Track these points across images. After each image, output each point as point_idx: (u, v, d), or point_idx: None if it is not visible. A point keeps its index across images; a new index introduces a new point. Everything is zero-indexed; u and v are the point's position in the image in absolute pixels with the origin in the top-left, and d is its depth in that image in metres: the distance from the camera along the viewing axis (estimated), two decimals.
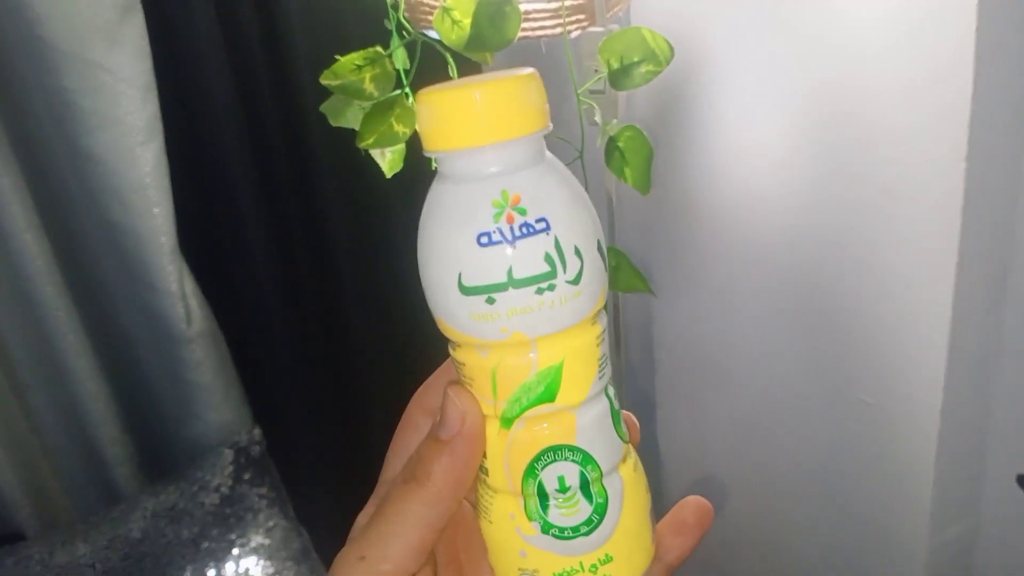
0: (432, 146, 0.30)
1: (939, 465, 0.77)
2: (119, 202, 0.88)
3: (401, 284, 1.09)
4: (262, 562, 0.91)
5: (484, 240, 0.29)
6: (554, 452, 0.31)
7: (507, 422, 0.31)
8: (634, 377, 1.04)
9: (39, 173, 0.90)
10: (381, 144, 0.63)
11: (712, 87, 0.81)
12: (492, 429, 0.32)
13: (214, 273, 1.00)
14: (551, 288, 0.29)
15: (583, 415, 0.31)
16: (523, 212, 0.29)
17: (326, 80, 0.61)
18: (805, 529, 0.93)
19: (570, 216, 0.30)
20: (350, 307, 1.12)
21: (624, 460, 0.33)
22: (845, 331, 0.80)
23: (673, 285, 0.93)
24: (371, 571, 0.32)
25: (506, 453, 0.32)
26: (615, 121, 0.65)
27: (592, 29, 0.67)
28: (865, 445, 0.83)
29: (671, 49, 0.59)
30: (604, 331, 0.32)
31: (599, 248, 0.31)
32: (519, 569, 0.33)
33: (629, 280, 0.73)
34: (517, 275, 0.29)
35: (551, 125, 0.30)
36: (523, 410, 0.31)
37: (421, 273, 0.31)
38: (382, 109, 0.62)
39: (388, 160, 0.69)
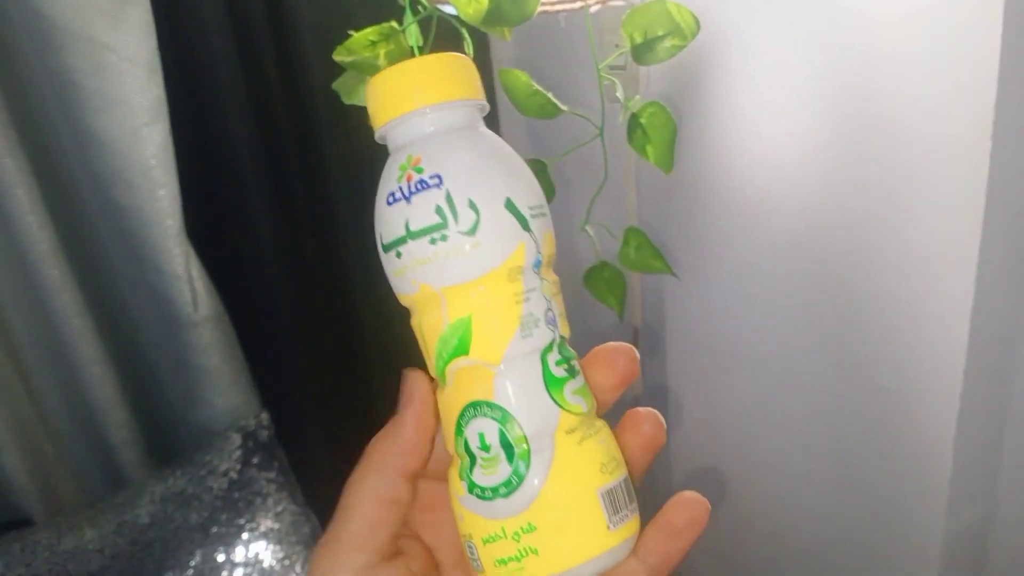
0: (374, 122, 0.34)
1: (957, 450, 0.77)
2: (124, 184, 0.87)
3: None
4: (272, 547, 0.90)
5: (390, 199, 0.32)
6: (474, 408, 0.32)
7: (441, 379, 0.33)
8: (646, 361, 1.03)
9: (43, 154, 0.89)
10: None
11: (730, 63, 0.80)
12: (439, 389, 0.34)
13: (221, 256, 0.99)
14: (443, 238, 0.31)
15: (502, 373, 0.32)
16: (420, 171, 0.32)
17: (339, 56, 0.59)
18: (819, 514, 0.93)
19: (469, 172, 0.32)
20: (359, 291, 1.11)
21: (567, 431, 0.32)
22: (863, 315, 0.79)
23: (688, 267, 0.92)
24: (332, 550, 0.33)
25: (443, 412, 0.33)
26: (638, 97, 0.64)
27: (613, 3, 0.65)
28: (882, 430, 0.82)
29: (697, 23, 0.58)
30: (530, 291, 0.33)
31: (509, 205, 0.32)
32: (462, 536, 0.33)
33: (648, 260, 0.72)
34: (412, 227, 0.31)
35: (477, 98, 0.33)
36: (444, 364, 0.32)
37: None
38: None
39: None
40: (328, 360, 1.11)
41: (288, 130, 1.01)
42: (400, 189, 0.32)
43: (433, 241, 0.31)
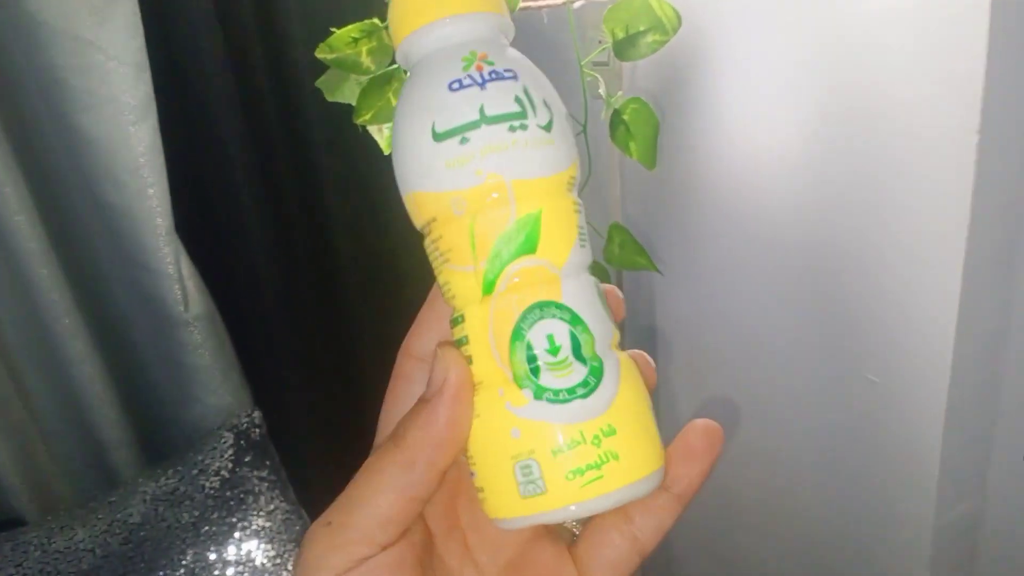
0: (406, 29, 0.32)
1: (946, 444, 0.76)
2: (113, 183, 0.87)
3: (402, 265, 1.08)
4: (264, 545, 0.90)
5: (455, 85, 0.30)
6: (541, 309, 0.30)
7: (489, 286, 0.30)
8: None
9: (31, 154, 0.88)
10: (379, 120, 0.62)
11: (713, 59, 0.79)
12: (474, 305, 0.31)
13: (211, 255, 0.99)
14: (523, 128, 0.30)
15: (568, 277, 0.31)
16: (491, 63, 0.30)
17: (321, 54, 0.59)
18: (808, 509, 0.93)
19: (537, 76, 0.31)
20: (350, 288, 1.11)
21: (618, 346, 0.32)
22: (851, 309, 0.79)
23: (675, 263, 0.92)
24: (336, 539, 0.30)
25: (490, 321, 0.31)
26: (620, 94, 0.64)
27: None
28: (871, 425, 0.82)
29: (678, 17, 0.57)
30: (581, 206, 0.32)
31: (568, 119, 0.32)
32: (513, 458, 0.30)
33: (632, 257, 0.72)
34: (489, 112, 0.30)
35: (512, 24, 0.33)
36: (504, 265, 0.30)
37: (394, 155, 0.32)
38: (379, 83, 0.61)
39: (386, 136, 0.68)
40: (320, 358, 1.11)
41: (278, 128, 1.01)
42: (470, 76, 0.30)
43: (512, 129, 0.30)
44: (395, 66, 0.62)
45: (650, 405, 0.32)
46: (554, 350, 0.30)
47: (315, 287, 1.09)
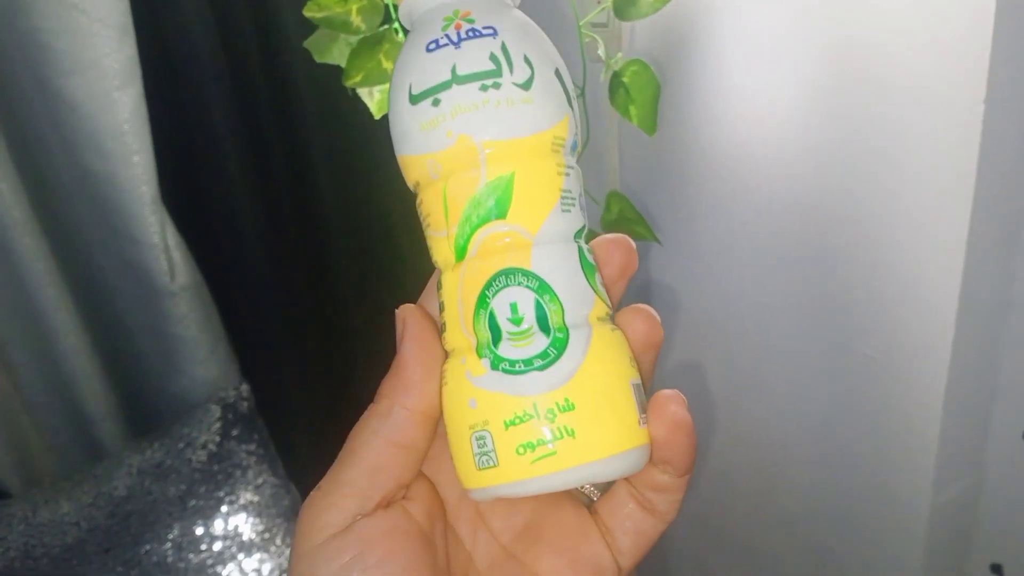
0: None
1: (945, 421, 0.76)
2: (96, 149, 0.84)
3: (393, 235, 1.06)
4: (251, 519, 0.89)
5: (431, 47, 0.30)
6: (506, 276, 0.29)
7: (460, 252, 0.30)
8: None
9: (12, 119, 0.86)
10: (369, 82, 0.60)
11: (715, 21, 0.77)
12: (448, 271, 0.31)
13: (198, 224, 0.97)
14: (496, 86, 0.29)
15: (542, 243, 0.30)
16: (471, 21, 0.30)
17: (310, 12, 0.57)
18: (804, 486, 0.92)
19: (522, 31, 0.30)
20: (339, 259, 1.09)
21: (598, 318, 0.30)
22: (851, 283, 0.78)
23: (672, 233, 0.90)
24: (327, 497, 0.30)
25: (459, 287, 0.30)
26: (620, 55, 0.62)
27: None
28: (869, 401, 0.81)
29: None
30: (569, 168, 0.31)
31: (558, 76, 0.30)
32: (470, 427, 0.30)
33: (631, 226, 0.70)
34: (460, 71, 0.29)
35: None
36: (474, 229, 0.30)
37: (389, 119, 0.32)
38: (370, 44, 0.59)
39: (376, 100, 0.66)
40: (308, 330, 1.10)
41: (266, 94, 0.99)
42: (447, 35, 0.30)
43: (484, 88, 0.29)
44: (386, 27, 0.60)
45: (629, 381, 0.30)
46: (516, 319, 0.29)
47: (304, 258, 1.08)
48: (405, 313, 0.31)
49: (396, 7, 0.61)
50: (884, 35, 0.67)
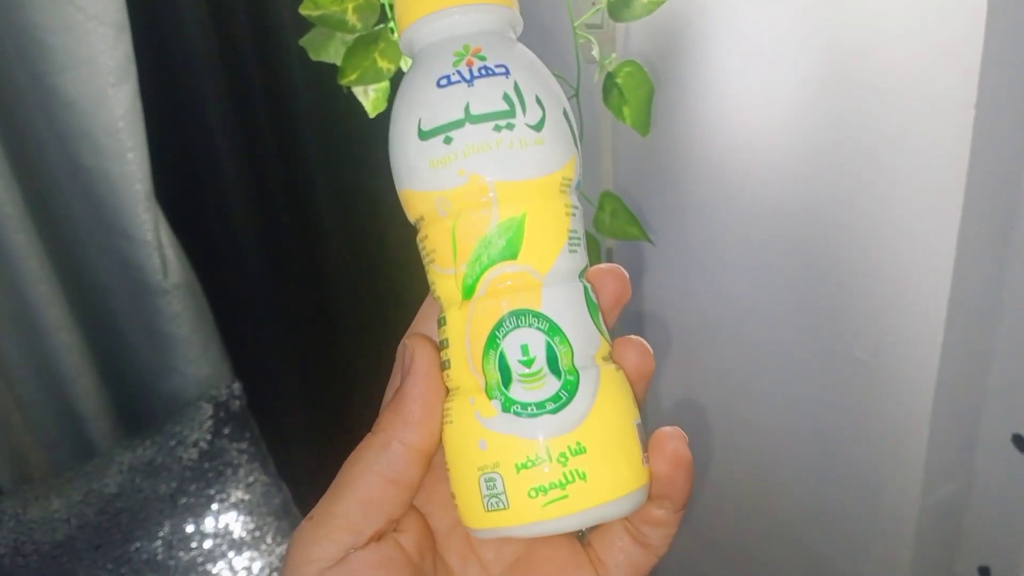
0: (408, 19, 0.31)
1: (934, 424, 0.76)
2: (91, 146, 0.84)
3: (386, 234, 1.06)
4: (242, 517, 0.89)
5: (443, 82, 0.29)
6: (517, 317, 0.29)
7: (468, 291, 0.30)
8: (622, 331, 1.02)
9: (6, 115, 0.86)
10: (364, 81, 0.60)
11: (709, 23, 0.78)
12: (454, 309, 0.30)
13: (192, 222, 0.97)
14: (509, 127, 0.29)
15: (551, 284, 0.30)
16: (483, 59, 0.29)
17: (305, 10, 0.57)
18: (795, 488, 0.92)
19: (533, 71, 0.30)
20: (332, 258, 1.09)
21: (604, 358, 0.31)
22: (842, 286, 0.78)
23: (664, 234, 0.91)
24: (319, 529, 0.29)
25: (467, 327, 0.30)
26: (614, 56, 0.62)
27: None
28: (858, 403, 0.82)
29: None
30: (575, 208, 0.31)
31: (566, 116, 0.30)
32: (479, 469, 0.29)
33: (624, 227, 0.70)
34: (474, 110, 0.29)
35: (519, 18, 0.32)
36: (484, 269, 0.29)
37: (390, 151, 0.31)
38: (366, 43, 0.59)
39: (372, 99, 0.66)
40: (301, 329, 1.10)
41: (261, 93, 0.99)
42: (459, 72, 0.29)
43: (498, 128, 0.29)
44: (382, 25, 0.61)
45: (633, 421, 0.31)
46: (528, 361, 0.29)
47: (298, 257, 1.08)
48: (415, 347, 0.31)
49: (392, 6, 0.61)
50: (877, 39, 0.67)
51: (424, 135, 0.29)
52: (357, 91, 0.66)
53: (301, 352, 1.10)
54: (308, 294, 1.10)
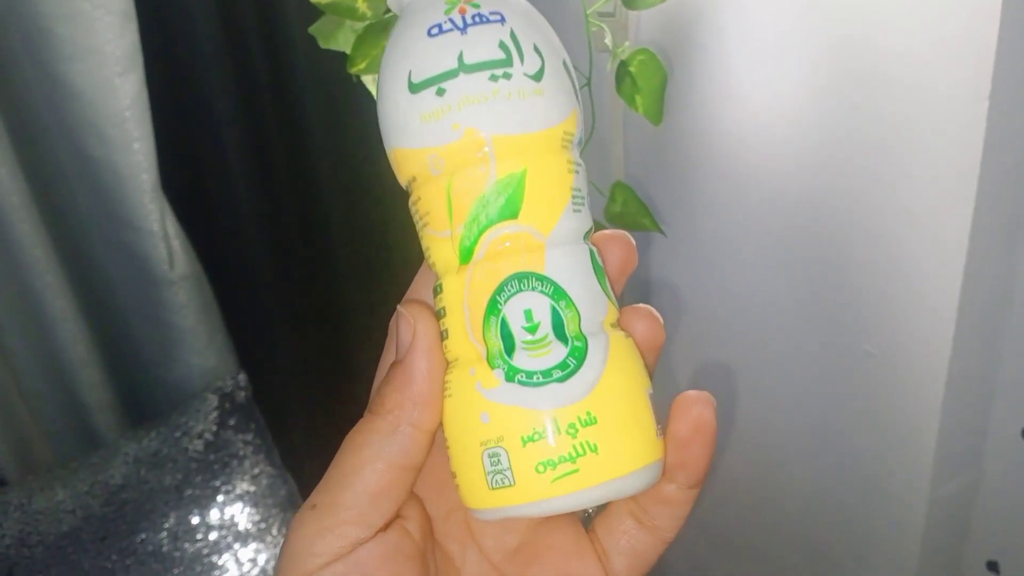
0: None
1: (944, 418, 0.76)
2: (97, 136, 0.84)
3: (392, 225, 1.06)
4: (248, 509, 0.89)
5: (434, 31, 0.27)
6: (519, 280, 0.27)
7: (466, 254, 0.28)
8: None
9: (12, 104, 0.86)
10: (373, 70, 0.60)
11: (722, 12, 0.77)
12: (451, 275, 0.29)
13: (198, 213, 0.97)
14: (507, 77, 0.27)
15: (555, 245, 0.28)
16: (476, 6, 0.28)
17: None
18: (803, 482, 0.92)
19: (530, 19, 0.28)
20: (338, 250, 1.09)
21: (612, 325, 0.29)
22: (852, 279, 0.78)
23: (675, 225, 0.90)
24: (324, 521, 0.27)
25: (465, 293, 0.28)
26: (627, 44, 0.62)
27: None
28: (868, 397, 0.81)
29: None
30: (578, 165, 0.29)
31: (566, 67, 0.29)
32: (482, 444, 0.27)
33: (636, 217, 0.70)
34: (468, 59, 0.27)
35: None
36: (482, 230, 0.27)
37: (379, 109, 0.30)
38: (375, 31, 0.59)
39: None
40: (307, 320, 1.09)
41: (267, 82, 0.98)
42: (451, 20, 0.27)
43: (494, 78, 0.27)
44: (392, 13, 0.60)
45: (645, 390, 0.29)
46: (532, 327, 0.27)
47: (304, 249, 1.08)
48: (416, 317, 0.28)
49: None
50: (890, 30, 0.67)
51: (415, 87, 0.27)
52: (366, 80, 0.66)
53: (307, 344, 1.10)
54: (314, 285, 1.09)
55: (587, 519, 0.33)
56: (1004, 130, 0.64)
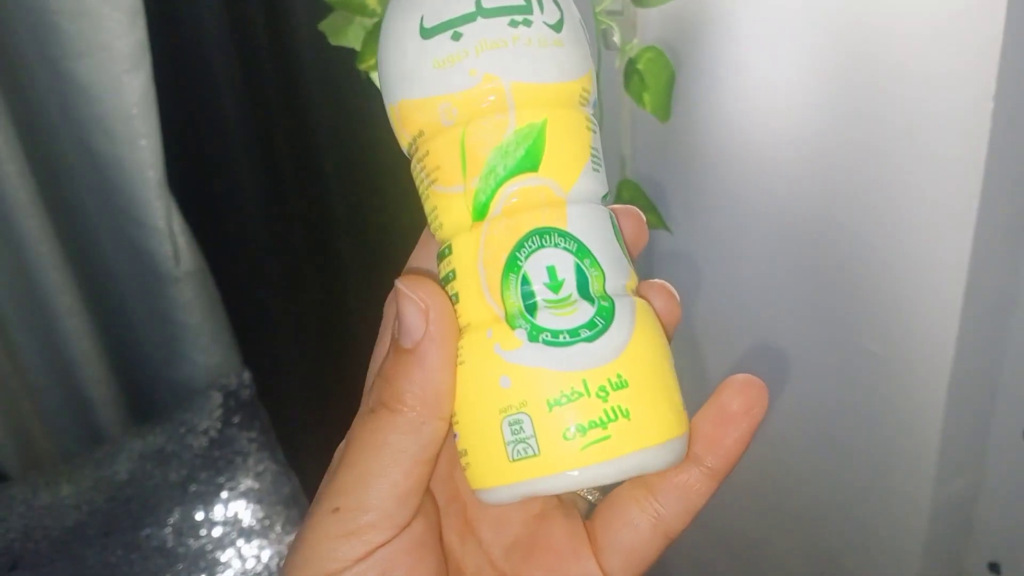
0: None
1: (947, 418, 0.76)
2: (103, 132, 0.84)
3: (399, 224, 1.06)
4: (252, 506, 0.89)
5: None
6: (540, 236, 0.26)
7: (481, 209, 0.26)
8: None
9: (20, 100, 0.86)
10: None
11: (730, 11, 0.77)
12: (463, 233, 0.27)
13: (204, 210, 0.97)
14: (527, 23, 0.26)
15: (576, 202, 0.26)
16: None
17: None
18: (804, 482, 0.92)
19: None
20: (344, 247, 1.09)
21: (634, 290, 0.28)
22: (856, 278, 0.78)
23: (680, 223, 0.90)
24: (348, 525, 0.26)
25: (480, 251, 0.26)
26: (636, 41, 0.62)
27: None
28: (871, 397, 0.81)
29: None
30: (597, 127, 0.28)
31: (582, 24, 0.28)
32: (501, 411, 0.25)
33: (643, 214, 0.70)
34: (487, 3, 0.25)
35: None
36: (500, 183, 0.26)
37: (379, 60, 0.28)
38: None
39: None
40: (312, 319, 1.09)
41: (275, 79, 0.99)
42: None
43: (514, 24, 0.25)
44: None
45: (670, 359, 0.27)
46: (555, 285, 0.25)
47: (309, 247, 1.08)
48: (429, 300, 0.26)
49: None
50: (897, 30, 0.67)
51: (427, 32, 0.26)
52: (374, 77, 0.66)
53: (311, 341, 1.10)
54: (319, 283, 1.09)
55: (589, 508, 0.31)
56: (1009, 131, 0.64)
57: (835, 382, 0.84)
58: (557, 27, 0.26)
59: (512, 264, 0.26)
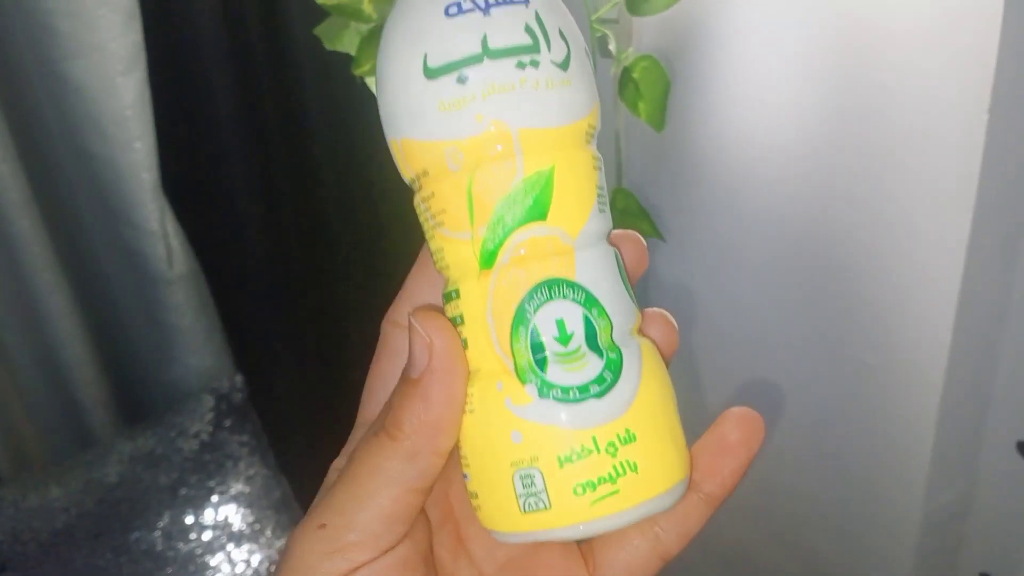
0: None
1: (939, 429, 0.76)
2: (98, 133, 0.84)
3: (393, 229, 1.06)
4: (242, 510, 0.89)
5: (453, 10, 0.25)
6: (549, 288, 0.26)
7: (488, 257, 0.26)
8: None
9: (14, 100, 0.86)
10: None
11: (725, 21, 0.78)
12: (471, 280, 0.26)
13: (197, 213, 0.97)
14: (534, 65, 0.25)
15: (583, 248, 0.26)
16: None
17: None
18: (796, 492, 0.92)
19: (553, 3, 0.26)
20: (337, 252, 1.09)
21: (639, 331, 0.28)
22: (849, 288, 0.78)
23: (673, 232, 0.90)
24: (333, 543, 0.26)
25: (488, 301, 0.26)
26: (631, 50, 0.62)
27: None
28: (864, 407, 0.81)
29: None
30: (600, 162, 0.28)
31: (588, 54, 0.27)
32: (513, 465, 0.26)
33: (637, 223, 0.70)
34: (493, 44, 0.25)
35: None
36: (508, 233, 0.25)
37: (379, 92, 0.27)
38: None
39: None
40: (304, 323, 1.09)
41: (270, 83, 0.99)
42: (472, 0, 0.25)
43: (521, 65, 0.25)
44: None
45: (674, 400, 0.28)
46: (564, 338, 0.26)
47: (303, 251, 1.08)
48: (433, 329, 0.26)
49: None
50: (892, 41, 0.67)
51: (432, 73, 0.25)
52: (370, 81, 0.66)
53: (304, 345, 1.10)
54: (313, 288, 1.09)
55: None
56: (1003, 143, 0.64)
57: (828, 392, 0.84)
58: (564, 65, 0.26)
59: (521, 317, 0.26)
